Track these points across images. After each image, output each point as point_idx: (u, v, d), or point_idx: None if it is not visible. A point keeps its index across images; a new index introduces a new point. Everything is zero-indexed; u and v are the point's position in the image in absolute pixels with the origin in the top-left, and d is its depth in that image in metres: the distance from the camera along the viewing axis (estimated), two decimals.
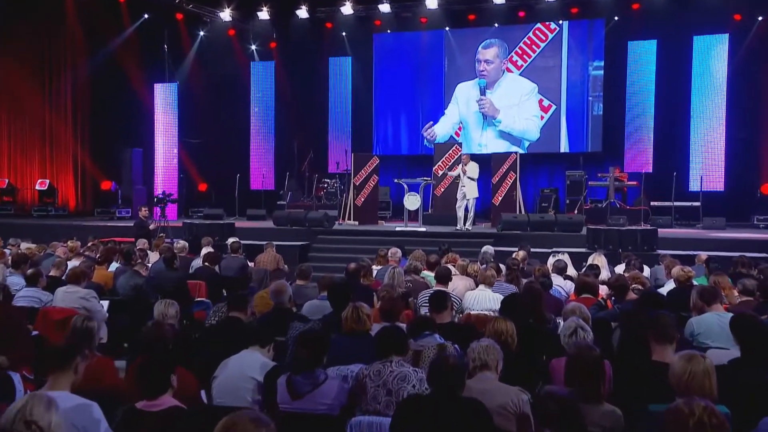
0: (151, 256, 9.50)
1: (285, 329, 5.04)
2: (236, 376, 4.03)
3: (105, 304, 6.62)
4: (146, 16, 18.48)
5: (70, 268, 6.99)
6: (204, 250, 9.59)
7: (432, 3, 17.55)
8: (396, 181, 15.33)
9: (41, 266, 7.59)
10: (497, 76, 18.06)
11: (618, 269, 8.58)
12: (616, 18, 17.13)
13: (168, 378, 3.33)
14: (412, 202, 13.82)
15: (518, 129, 17.90)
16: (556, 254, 9.07)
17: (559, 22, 17.60)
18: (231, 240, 10.33)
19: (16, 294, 6.31)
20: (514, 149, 16.73)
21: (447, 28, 18.51)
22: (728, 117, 15.93)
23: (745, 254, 8.95)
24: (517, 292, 6.14)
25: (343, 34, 19.06)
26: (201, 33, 19.62)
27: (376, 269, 8.05)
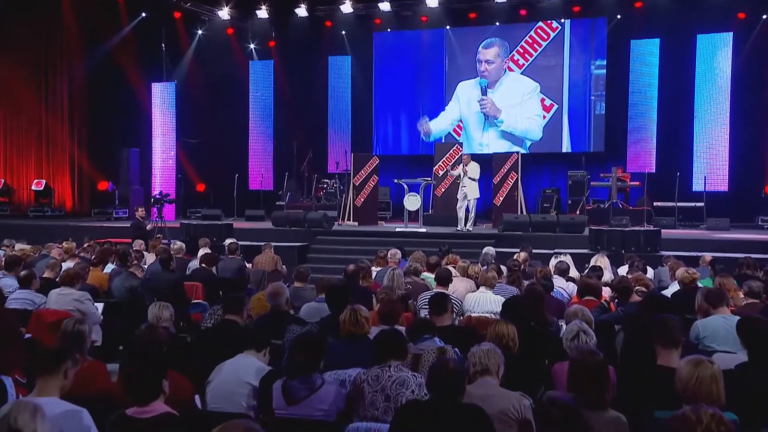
0: (147, 257, 9.44)
1: (282, 332, 4.97)
2: (231, 380, 3.96)
3: (100, 306, 6.57)
4: (144, 14, 18.37)
5: (64, 269, 6.93)
6: (201, 252, 9.56)
7: (432, 1, 17.45)
8: (396, 181, 15.28)
9: (35, 268, 7.55)
10: (498, 76, 17.97)
11: (621, 271, 8.55)
12: (618, 16, 17.03)
13: (159, 383, 3.25)
14: (412, 202, 13.77)
15: (520, 129, 17.80)
16: (558, 255, 8.99)
17: (561, 21, 17.50)
18: (228, 241, 10.28)
19: (9, 296, 6.25)
20: (515, 149, 16.61)
21: (448, 27, 18.42)
22: (732, 116, 15.81)
23: (751, 255, 8.87)
24: (519, 295, 6.08)
25: (343, 32, 18.97)
26: (199, 32, 19.53)
27: (376, 271, 8.03)
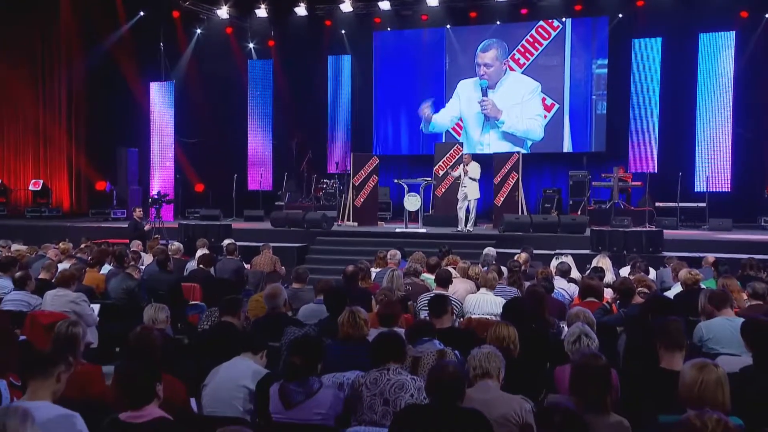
0: (145, 258, 9.44)
1: (280, 334, 4.91)
2: (227, 384, 3.90)
3: (96, 307, 6.50)
4: (142, 13, 18.27)
5: (60, 270, 6.86)
6: (199, 252, 9.49)
7: (433, 0, 17.37)
8: (396, 181, 15.24)
9: (32, 269, 7.54)
10: (498, 77, 17.89)
11: (623, 272, 8.52)
12: (620, 15, 16.96)
13: (153, 387, 3.19)
14: (412, 202, 13.74)
15: (521, 129, 17.73)
16: (560, 256, 8.97)
17: (562, 20, 17.41)
18: (227, 242, 10.22)
19: (4, 297, 6.24)
20: (516, 149, 16.50)
21: (448, 26, 18.34)
22: (735, 116, 15.67)
23: (754, 256, 8.78)
24: (520, 296, 6.06)
25: (343, 32, 18.89)
26: (198, 31, 19.43)
27: (375, 272, 8.00)
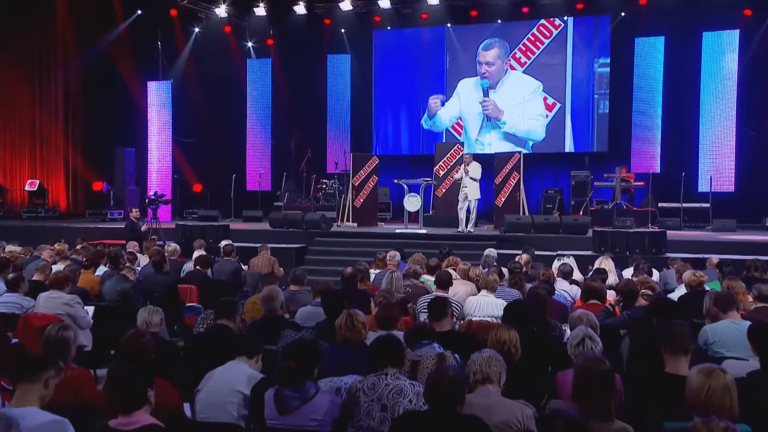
0: (141, 259, 9.38)
1: (276, 337, 4.86)
2: (221, 389, 3.84)
3: (90, 309, 6.49)
4: (139, 12, 18.23)
5: (54, 272, 6.81)
6: (196, 253, 9.41)
7: None
8: (396, 181, 15.13)
9: (26, 270, 7.54)
10: (500, 76, 17.82)
11: (626, 273, 8.49)
12: (622, 14, 16.89)
13: (144, 392, 3.15)
14: (412, 203, 13.66)
15: (523, 130, 17.65)
16: (561, 257, 8.94)
17: (564, 18, 17.34)
18: (224, 242, 10.15)
19: None
20: (518, 150, 16.36)
21: (448, 25, 18.27)
22: (739, 115, 15.56)
23: (759, 257, 8.68)
24: (521, 299, 6.00)
25: (342, 30, 18.83)
26: (196, 29, 19.34)
27: (374, 273, 7.93)
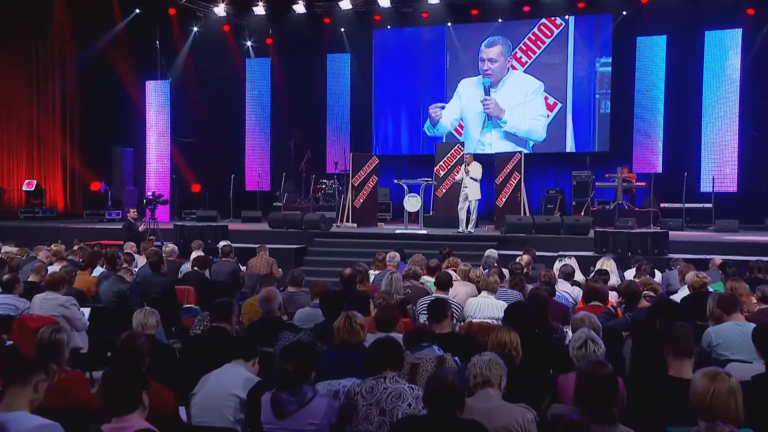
0: (138, 260, 9.34)
1: (274, 339, 4.81)
2: (217, 392, 3.80)
3: (86, 311, 6.46)
4: (137, 11, 18.18)
5: (50, 273, 6.74)
6: (194, 254, 9.39)
7: None
8: (396, 181, 15.07)
9: (22, 271, 7.49)
10: (501, 75, 17.80)
11: (628, 274, 8.47)
12: (624, 13, 16.86)
13: (138, 395, 3.12)
14: (412, 203, 13.63)
15: (524, 130, 17.63)
16: (563, 258, 8.90)
17: (565, 17, 17.31)
18: (222, 243, 10.16)
19: None
20: (518, 150, 16.32)
21: (449, 24, 18.23)
22: (741, 115, 15.49)
23: (762, 258, 8.61)
24: (522, 300, 5.95)
25: (342, 29, 18.81)
26: (194, 28, 19.29)
27: (374, 274, 7.90)
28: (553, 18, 17.34)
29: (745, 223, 14.31)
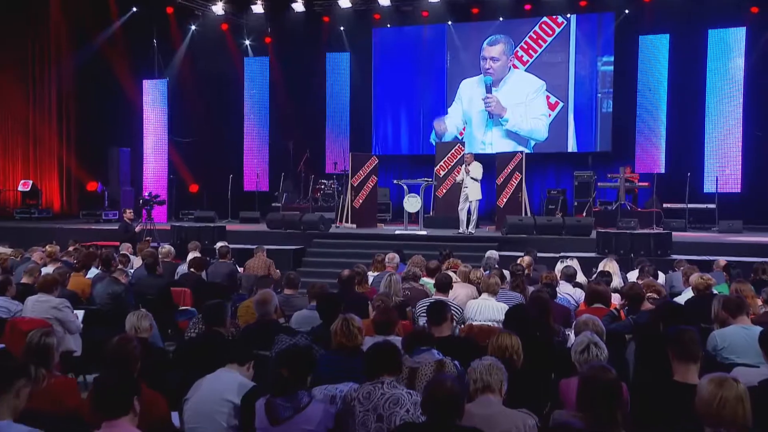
0: (134, 261, 9.30)
1: (270, 343, 4.75)
2: (210, 398, 3.75)
3: (80, 313, 6.40)
4: (134, 9, 18.17)
5: (43, 275, 6.69)
6: (190, 255, 9.36)
7: None
8: (396, 182, 15.05)
9: (16, 272, 7.45)
10: (503, 74, 17.78)
11: (631, 276, 8.38)
12: (626, 11, 16.79)
13: (128, 400, 3.05)
14: (412, 204, 13.59)
15: (526, 129, 17.59)
16: (565, 260, 8.80)
17: (566, 16, 17.26)
18: (219, 244, 10.04)
19: None
20: (520, 149, 16.30)
21: (449, 23, 18.18)
22: (745, 115, 15.41)
23: (767, 260, 8.51)
24: (523, 303, 5.87)
25: (341, 28, 18.79)
26: (192, 27, 19.23)
27: (372, 276, 7.86)
28: (554, 16, 17.30)
29: (749, 224, 14.24)
